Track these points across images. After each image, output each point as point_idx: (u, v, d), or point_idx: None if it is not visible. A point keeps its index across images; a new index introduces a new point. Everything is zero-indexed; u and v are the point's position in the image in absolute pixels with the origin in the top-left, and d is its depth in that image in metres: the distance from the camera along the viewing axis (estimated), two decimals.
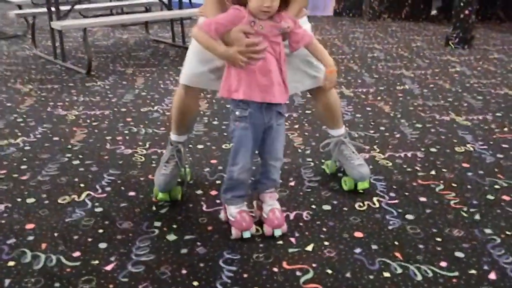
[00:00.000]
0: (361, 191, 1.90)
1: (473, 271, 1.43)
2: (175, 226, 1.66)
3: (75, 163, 2.17)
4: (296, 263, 1.46)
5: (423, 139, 2.47)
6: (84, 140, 2.44)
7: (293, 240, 1.58)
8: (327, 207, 1.79)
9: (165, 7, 5.04)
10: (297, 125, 2.66)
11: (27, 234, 1.61)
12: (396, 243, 1.57)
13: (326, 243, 1.57)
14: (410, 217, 1.73)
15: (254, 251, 1.52)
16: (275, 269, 1.43)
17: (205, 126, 2.64)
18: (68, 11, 4.13)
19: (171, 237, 1.60)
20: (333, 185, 1.96)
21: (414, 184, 1.98)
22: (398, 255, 1.51)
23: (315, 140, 2.44)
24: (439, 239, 1.60)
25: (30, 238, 1.59)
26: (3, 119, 2.74)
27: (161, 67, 3.98)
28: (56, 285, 1.36)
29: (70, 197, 1.86)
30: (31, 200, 1.83)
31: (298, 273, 1.42)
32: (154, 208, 1.78)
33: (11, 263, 1.46)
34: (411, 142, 2.43)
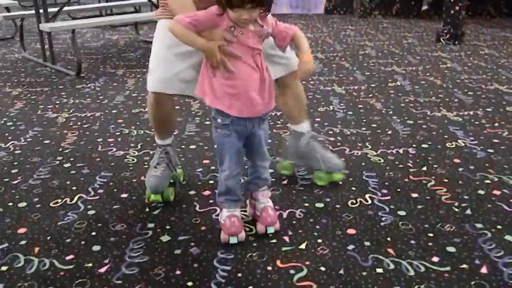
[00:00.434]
0: (353, 188, 1.91)
1: (465, 266, 1.44)
2: (168, 227, 1.66)
3: (67, 166, 2.16)
4: (289, 261, 1.47)
5: (414, 135, 2.49)
6: (75, 142, 2.43)
7: (286, 238, 1.59)
8: (319, 205, 1.80)
9: (155, 7, 5.02)
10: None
11: (19, 238, 1.60)
12: (389, 239, 1.58)
13: (319, 240, 1.58)
14: (402, 213, 1.74)
15: (247, 250, 1.52)
16: (269, 267, 1.44)
17: (197, 126, 2.64)
18: (56, 12, 4.11)
19: (165, 238, 1.60)
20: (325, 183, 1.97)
21: (406, 180, 2.00)
22: (390, 251, 1.52)
23: None
24: (430, 234, 1.61)
25: (23, 242, 1.58)
26: None
27: None
28: None
29: (62, 200, 1.85)
30: (22, 204, 1.82)
31: (292, 271, 1.42)
32: (147, 209, 1.78)
33: (3, 268, 1.45)
34: (402, 139, 2.44)
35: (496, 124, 2.65)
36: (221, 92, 1.46)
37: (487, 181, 1.99)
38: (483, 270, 1.42)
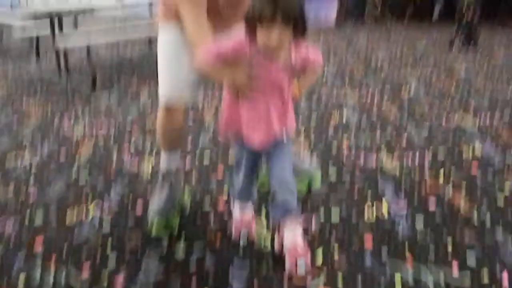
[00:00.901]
0: (369, 200, 1.88)
1: (485, 277, 1.41)
2: (183, 244, 1.65)
3: (82, 179, 2.17)
4: (306, 274, 1.44)
5: (430, 143, 2.45)
6: (90, 155, 2.45)
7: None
8: (335, 218, 1.78)
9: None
10: (303, 132, 2.65)
11: (35, 255, 1.61)
12: (407, 250, 1.55)
13: (336, 252, 1.55)
14: (419, 222, 1.71)
15: (263, 266, 1.50)
16: (285, 285, 1.42)
17: (210, 141, 2.64)
18: (71, 29, 4.18)
19: (180, 255, 1.59)
20: (341, 192, 1.95)
21: (423, 188, 1.96)
22: (409, 261, 1.49)
23: (321, 147, 2.43)
24: (450, 244, 1.57)
25: (39, 260, 1.59)
26: (10, 137, 2.76)
27: None
28: None
29: (77, 214, 1.86)
30: (39, 218, 1.84)
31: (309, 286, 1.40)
32: None
33: (20, 286, 1.45)
34: (418, 146, 2.41)
35: None
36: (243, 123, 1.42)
37: (507, 188, 1.94)
38: (505, 282, 1.38)
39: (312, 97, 1.84)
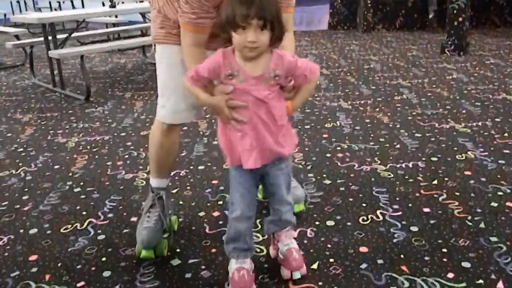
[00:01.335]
0: (364, 205, 1.89)
1: (481, 281, 1.41)
2: (178, 250, 1.65)
3: (76, 190, 2.17)
4: (302, 282, 1.45)
5: (423, 148, 2.47)
6: (84, 166, 2.44)
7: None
8: (330, 223, 1.78)
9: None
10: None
11: (30, 265, 1.60)
12: (402, 256, 1.56)
13: (331, 260, 1.56)
14: (414, 229, 1.72)
15: (259, 272, 1.50)
16: None
17: (205, 146, 2.64)
18: (65, 39, 4.19)
19: (175, 261, 1.59)
20: (335, 200, 1.95)
21: (417, 194, 1.97)
22: (404, 268, 1.49)
23: (315, 155, 2.44)
24: (445, 250, 1.58)
25: (34, 269, 1.58)
26: (3, 149, 2.76)
27: None
28: None
29: (72, 225, 1.86)
30: (33, 231, 1.83)
31: None
32: None
33: None
34: (411, 152, 2.42)
35: (506, 134, 2.62)
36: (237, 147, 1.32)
37: (500, 193, 1.96)
38: (500, 285, 1.39)
39: (304, 104, 1.85)
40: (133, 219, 1.89)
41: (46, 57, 4.25)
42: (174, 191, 2.11)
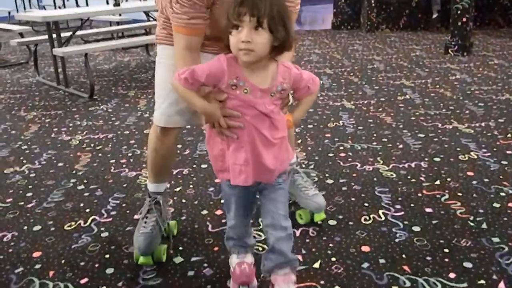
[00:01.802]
0: (366, 204, 1.89)
1: (482, 281, 1.42)
2: (181, 248, 1.66)
3: (80, 188, 2.18)
4: (304, 281, 1.45)
5: (426, 148, 2.47)
6: (88, 164, 2.45)
7: (300, 257, 1.58)
8: (332, 222, 1.79)
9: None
10: (299, 140, 2.67)
11: (34, 262, 1.62)
12: (404, 256, 1.56)
13: (333, 259, 1.56)
14: (416, 228, 1.72)
15: (260, 270, 1.51)
16: None
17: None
18: (69, 37, 4.20)
19: (178, 259, 1.60)
20: (338, 200, 1.96)
21: (419, 195, 1.98)
22: (406, 268, 1.50)
23: (318, 155, 2.44)
24: (446, 250, 1.58)
25: (38, 266, 1.59)
26: (8, 146, 2.77)
27: None
28: None
29: (76, 223, 1.87)
30: (37, 228, 1.84)
31: None
32: None
33: None
34: (414, 153, 2.42)
35: (509, 135, 2.62)
36: (228, 162, 1.22)
37: (502, 193, 1.96)
38: (501, 285, 1.40)
39: (304, 116, 1.85)
40: (136, 217, 1.90)
41: (50, 55, 4.27)
42: (177, 189, 2.11)
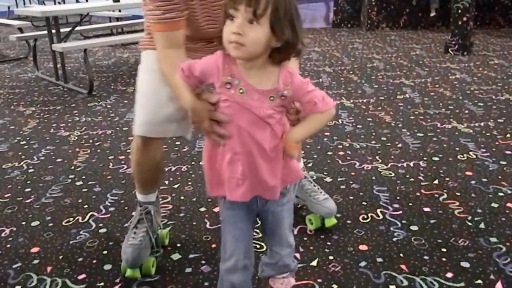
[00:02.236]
0: (364, 203, 1.90)
1: (479, 281, 1.42)
2: (179, 245, 1.66)
3: (79, 184, 2.18)
4: (301, 279, 1.46)
5: (425, 148, 2.47)
6: (87, 160, 2.45)
7: (297, 255, 1.58)
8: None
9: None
10: None
11: (32, 257, 1.62)
12: (401, 255, 1.56)
13: (331, 257, 1.56)
14: (414, 228, 1.73)
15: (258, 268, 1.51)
16: None
17: None
18: (68, 32, 4.19)
19: (176, 256, 1.60)
20: (336, 198, 1.96)
21: (418, 194, 1.98)
22: (403, 267, 1.50)
23: (317, 153, 2.44)
24: (444, 249, 1.59)
25: (36, 261, 1.59)
26: (6, 142, 2.77)
27: None
28: None
29: (74, 218, 1.87)
30: (35, 223, 1.84)
31: None
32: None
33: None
34: (413, 152, 2.43)
35: (508, 135, 2.62)
36: (223, 175, 1.09)
37: (501, 193, 1.96)
38: (499, 285, 1.40)
39: (307, 137, 1.81)
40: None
41: (49, 50, 4.25)
42: (176, 186, 2.11)
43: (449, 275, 1.46)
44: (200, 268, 1.53)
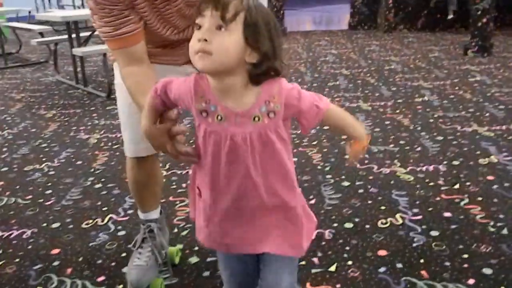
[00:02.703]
0: (383, 208, 1.88)
1: None
2: (197, 248, 1.67)
3: (98, 186, 2.21)
4: (319, 284, 1.45)
5: (445, 151, 2.43)
6: (106, 163, 2.48)
7: (315, 260, 1.57)
8: (349, 225, 1.77)
9: None
10: (315, 141, 2.65)
11: (52, 259, 1.64)
12: (421, 261, 1.54)
13: (350, 262, 1.55)
14: (434, 233, 1.70)
15: None
16: None
17: None
18: (88, 37, 4.26)
19: (193, 259, 1.60)
20: (354, 202, 1.94)
21: (438, 199, 1.95)
22: (423, 273, 1.48)
23: (334, 156, 2.43)
24: (465, 255, 1.56)
25: (56, 263, 1.62)
26: (28, 144, 2.82)
27: None
28: None
29: (93, 221, 1.89)
30: (56, 225, 1.87)
31: None
32: (176, 230, 1.80)
33: None
34: (432, 155, 2.39)
35: None
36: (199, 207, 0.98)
37: None
38: None
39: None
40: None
41: (69, 54, 4.33)
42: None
43: (471, 281, 1.43)
44: (218, 272, 1.53)
